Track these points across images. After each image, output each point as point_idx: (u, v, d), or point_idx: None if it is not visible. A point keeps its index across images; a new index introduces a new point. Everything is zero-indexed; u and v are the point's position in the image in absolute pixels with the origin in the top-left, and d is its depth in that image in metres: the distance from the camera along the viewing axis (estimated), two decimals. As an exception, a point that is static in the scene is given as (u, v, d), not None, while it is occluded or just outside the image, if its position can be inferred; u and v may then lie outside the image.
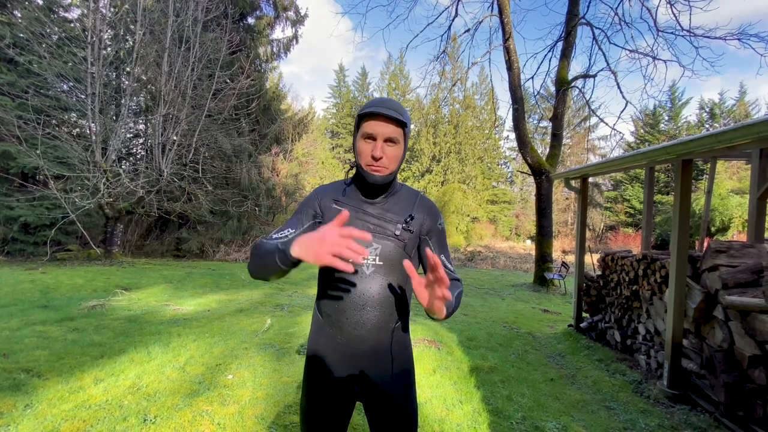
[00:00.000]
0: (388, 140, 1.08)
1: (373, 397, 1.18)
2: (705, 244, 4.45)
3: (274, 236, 1.15)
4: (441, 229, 1.26)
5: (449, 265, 1.24)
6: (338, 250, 0.86)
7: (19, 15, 10.17)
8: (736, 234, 17.13)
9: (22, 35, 9.91)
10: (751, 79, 51.62)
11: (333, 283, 1.16)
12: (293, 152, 18.29)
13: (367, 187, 1.15)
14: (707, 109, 27.29)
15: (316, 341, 1.21)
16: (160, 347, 3.81)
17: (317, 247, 0.89)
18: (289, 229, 1.16)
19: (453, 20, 12.18)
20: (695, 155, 3.38)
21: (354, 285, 1.12)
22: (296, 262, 0.96)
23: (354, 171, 1.21)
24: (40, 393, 2.75)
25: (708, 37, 9.34)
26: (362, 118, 1.10)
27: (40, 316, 4.82)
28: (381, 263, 1.13)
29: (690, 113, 36.72)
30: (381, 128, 1.07)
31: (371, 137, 1.08)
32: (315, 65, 67.68)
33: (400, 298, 1.18)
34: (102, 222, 11.19)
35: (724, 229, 17.69)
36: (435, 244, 1.22)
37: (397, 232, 1.15)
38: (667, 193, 23.49)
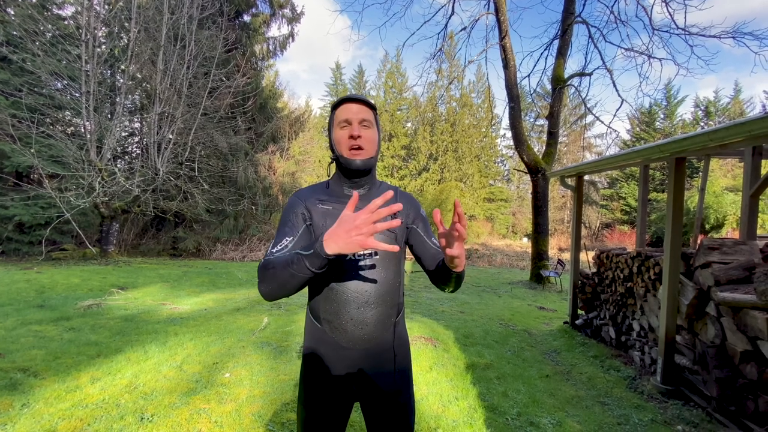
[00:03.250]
0: (362, 122, 1.13)
1: (373, 396, 1.17)
2: (698, 242, 4.49)
3: (275, 251, 1.08)
4: (424, 217, 1.31)
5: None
6: (377, 227, 0.87)
7: (12, 12, 10.08)
8: (730, 231, 17.27)
9: (15, 33, 9.83)
10: (746, 77, 52.02)
11: (330, 284, 1.12)
12: (290, 150, 18.26)
13: (350, 174, 1.16)
14: (702, 107, 27.44)
15: (314, 350, 1.16)
16: (156, 346, 3.81)
17: (354, 234, 0.87)
18: (287, 238, 1.10)
19: (450, 18, 12.19)
20: (689, 153, 3.41)
21: (353, 282, 1.12)
22: (326, 263, 0.93)
23: (335, 168, 1.23)
24: (36, 392, 2.74)
25: (703, 35, 9.40)
26: (334, 111, 1.16)
27: (36, 315, 4.80)
28: (378, 257, 1.14)
29: (685, 111, 36.92)
30: (354, 111, 1.12)
31: (347, 122, 1.13)
32: (313, 63, 67.51)
33: (398, 291, 1.20)
34: (97, 221, 11.15)
35: (717, 226, 17.83)
36: (423, 230, 1.26)
37: None
38: (662, 191, 23.64)
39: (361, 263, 1.13)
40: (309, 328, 1.20)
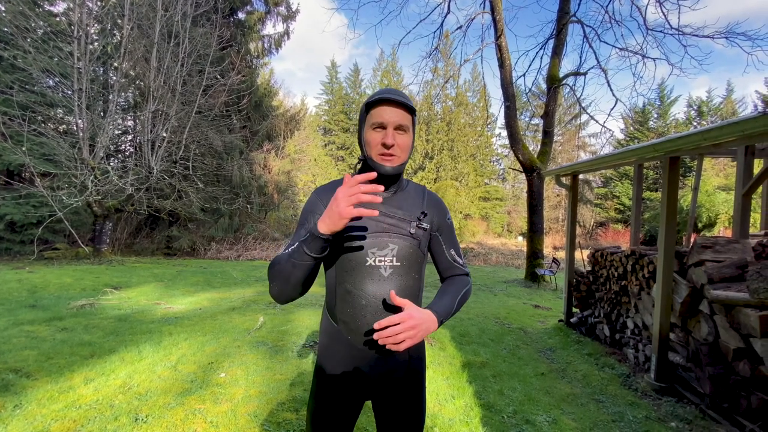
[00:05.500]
0: (399, 128, 1.06)
1: (385, 396, 1.16)
2: (692, 240, 4.53)
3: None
4: (450, 224, 1.25)
5: (459, 260, 1.24)
6: (355, 197, 0.88)
7: (3, 8, 9.94)
8: (722, 230, 17.45)
9: (6, 29, 9.69)
10: (738, 77, 52.38)
11: (348, 287, 1.10)
12: (285, 149, 18.19)
13: (378, 178, 1.11)
14: (695, 107, 27.68)
15: (329, 347, 1.16)
16: (151, 346, 3.78)
17: (335, 208, 0.89)
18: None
19: (445, 17, 12.18)
20: (683, 152, 3.43)
21: (372, 287, 1.09)
22: (326, 245, 0.95)
23: (360, 166, 1.17)
24: (29, 393, 2.71)
25: (696, 35, 9.47)
26: (369, 107, 1.07)
27: (28, 315, 4.74)
28: (399, 263, 1.11)
29: (678, 111, 37.26)
30: (390, 115, 1.04)
31: (381, 126, 1.05)
32: (309, 62, 67.22)
33: (417, 297, 1.17)
34: (90, 220, 11.04)
35: (710, 225, 18.01)
36: (445, 239, 1.22)
37: (412, 231, 1.13)
38: (656, 190, 23.83)
39: (382, 270, 1.10)
40: (325, 325, 1.20)
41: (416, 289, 1.16)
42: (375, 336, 0.95)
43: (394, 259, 1.10)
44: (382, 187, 0.90)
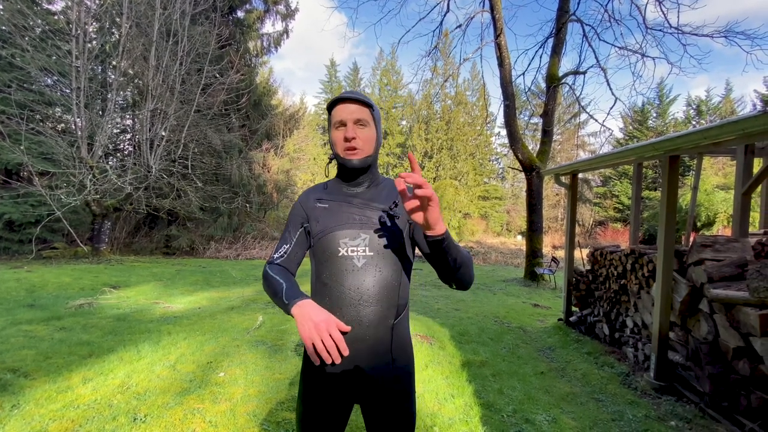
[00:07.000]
0: (358, 122, 1.12)
1: (372, 400, 1.14)
2: (691, 239, 4.53)
3: (275, 257, 1.20)
4: None
5: None
6: (316, 342, 0.95)
7: (1, 7, 9.90)
8: (722, 229, 17.46)
9: (4, 28, 9.66)
10: (737, 77, 52.45)
11: (325, 279, 1.12)
12: (284, 148, 18.18)
13: (346, 173, 1.18)
14: (694, 106, 27.69)
15: None
16: (150, 345, 3.77)
17: (307, 326, 0.97)
18: (285, 246, 1.21)
19: (445, 16, 12.16)
20: (682, 151, 3.43)
21: (347, 279, 1.09)
22: None
23: (332, 163, 1.25)
24: (27, 393, 2.70)
25: (696, 34, 9.45)
26: (330, 111, 1.17)
27: (26, 315, 4.73)
28: (372, 254, 1.10)
29: (677, 110, 37.23)
30: (348, 112, 1.12)
31: (342, 123, 1.13)
32: (309, 61, 67.14)
33: (397, 291, 1.13)
34: (89, 219, 11.02)
35: (709, 224, 18.02)
36: None
37: (383, 220, 1.13)
38: (655, 189, 23.86)
39: (356, 260, 1.10)
40: None
41: (395, 282, 1.12)
42: (402, 175, 0.87)
43: (367, 249, 1.11)
44: (346, 351, 0.97)
